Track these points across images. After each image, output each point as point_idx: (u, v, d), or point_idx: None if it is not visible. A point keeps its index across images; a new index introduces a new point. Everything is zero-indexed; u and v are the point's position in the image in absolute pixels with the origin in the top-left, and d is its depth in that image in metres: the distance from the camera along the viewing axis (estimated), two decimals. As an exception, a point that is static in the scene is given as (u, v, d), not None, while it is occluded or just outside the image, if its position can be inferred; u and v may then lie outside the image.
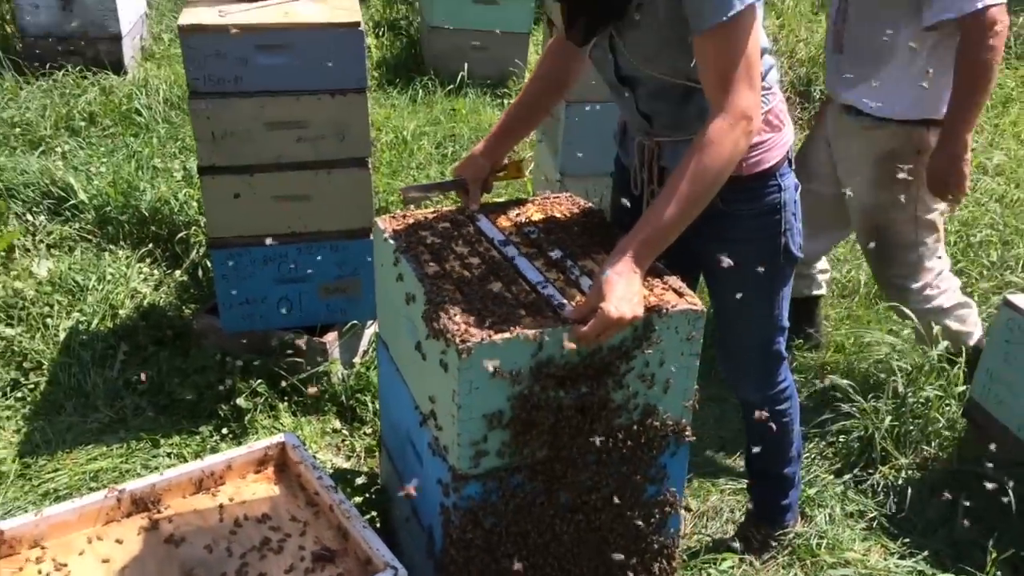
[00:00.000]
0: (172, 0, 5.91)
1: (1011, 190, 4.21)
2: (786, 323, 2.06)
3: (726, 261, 1.83)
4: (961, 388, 2.66)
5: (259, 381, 2.78)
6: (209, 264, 3.41)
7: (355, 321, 2.90)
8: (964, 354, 2.70)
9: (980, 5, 2.29)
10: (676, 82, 1.76)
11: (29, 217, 3.64)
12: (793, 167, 1.94)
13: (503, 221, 2.00)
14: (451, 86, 5.16)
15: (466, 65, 5.15)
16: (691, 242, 1.79)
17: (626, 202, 1.99)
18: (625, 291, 1.57)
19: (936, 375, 2.66)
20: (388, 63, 5.51)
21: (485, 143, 2.03)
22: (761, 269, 1.90)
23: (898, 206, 2.60)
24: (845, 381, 2.75)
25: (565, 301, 1.69)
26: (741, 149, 1.64)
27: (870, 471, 2.59)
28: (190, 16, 2.49)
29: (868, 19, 2.51)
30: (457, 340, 1.57)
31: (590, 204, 2.11)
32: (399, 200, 4.04)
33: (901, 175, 2.48)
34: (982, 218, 3.92)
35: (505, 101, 5.10)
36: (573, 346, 1.60)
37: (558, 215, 2.04)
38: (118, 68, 4.86)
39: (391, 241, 1.89)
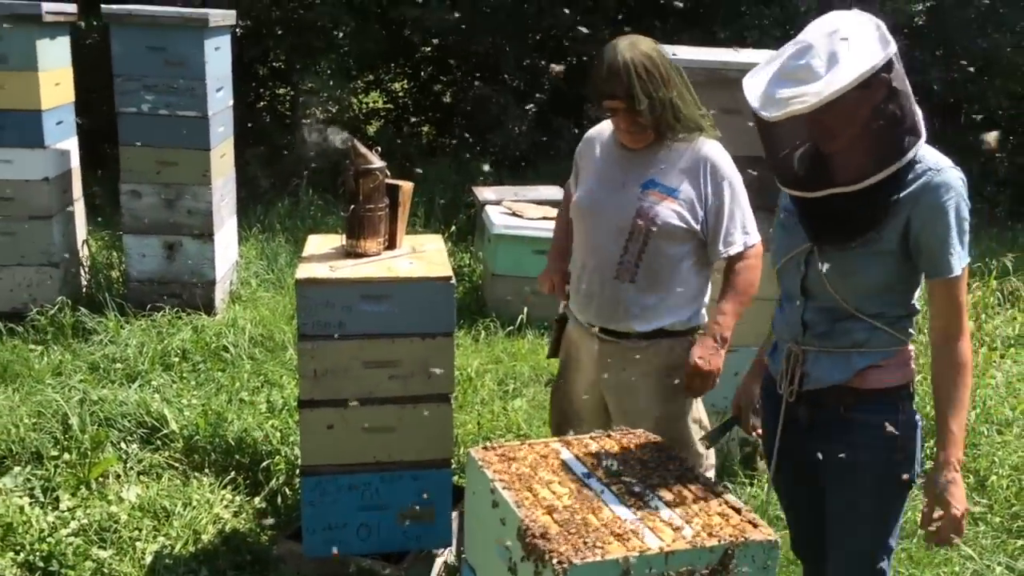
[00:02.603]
0: (258, 249, 6.52)
1: (1058, 434, 4.32)
2: (893, 544, 2.24)
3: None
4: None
5: (336, 607, 2.89)
6: (288, 491, 3.62)
7: (430, 548, 3.04)
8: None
9: (752, 242, 2.72)
10: (847, 307, 2.13)
11: (123, 446, 3.91)
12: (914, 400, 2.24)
13: (584, 454, 2.22)
14: (511, 327, 5.53)
15: (525, 309, 5.55)
16: (819, 449, 2.19)
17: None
18: (959, 492, 2.05)
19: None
20: (453, 306, 5.95)
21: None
22: (878, 479, 2.16)
23: (682, 412, 2.77)
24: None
25: (648, 529, 1.86)
26: None
27: None
28: (305, 271, 2.87)
29: (664, 254, 2.68)
30: (554, 561, 1.74)
31: (660, 439, 2.32)
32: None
33: (677, 382, 2.71)
34: (1033, 462, 4.01)
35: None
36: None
37: (633, 448, 2.25)
38: (209, 309, 5.33)
39: (486, 471, 2.10)
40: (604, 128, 2.85)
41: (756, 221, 2.75)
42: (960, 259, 2.05)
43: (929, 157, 2.05)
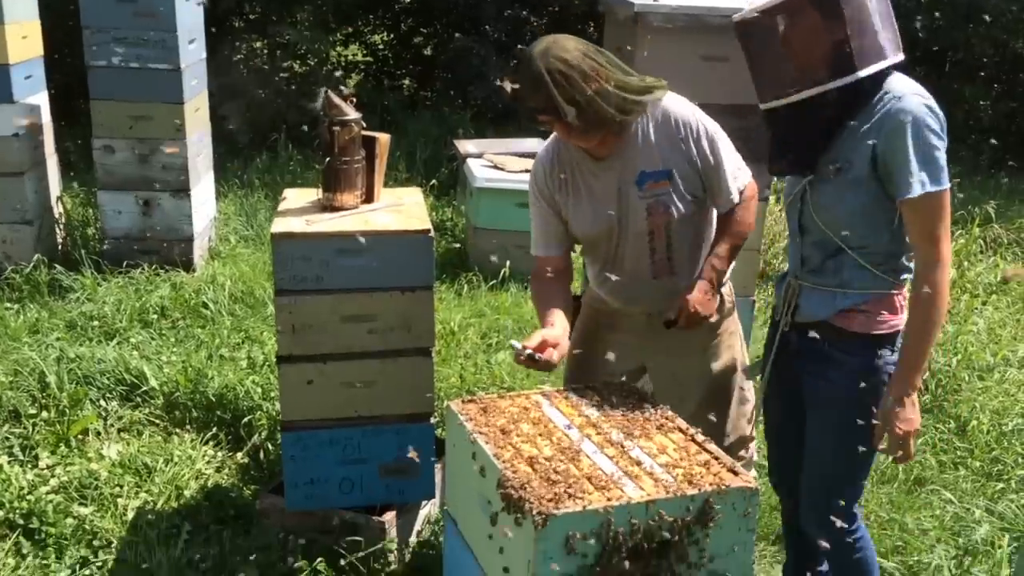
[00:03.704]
0: (237, 205, 6.43)
1: (1038, 381, 4.36)
2: (862, 485, 2.37)
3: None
4: (1007, 572, 2.71)
5: (319, 560, 2.89)
6: (271, 446, 3.60)
7: (413, 501, 3.03)
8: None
9: (746, 181, 2.53)
10: (835, 240, 2.23)
11: (102, 403, 3.87)
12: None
13: (565, 406, 2.20)
14: (494, 281, 5.49)
15: (508, 262, 5.51)
16: (804, 377, 2.34)
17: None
18: (905, 412, 2.16)
19: (982, 558, 2.72)
20: (436, 260, 5.89)
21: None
22: (846, 416, 2.25)
23: (732, 365, 2.66)
24: (890, 563, 2.81)
25: (629, 478, 1.85)
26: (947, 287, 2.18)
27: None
28: (281, 225, 2.82)
29: (691, 235, 2.56)
30: (534, 512, 1.73)
31: (641, 390, 2.31)
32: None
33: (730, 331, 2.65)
34: (1013, 407, 4.04)
35: (545, 296, 5.39)
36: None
37: (614, 399, 2.24)
38: (188, 266, 5.26)
39: (466, 424, 2.08)
40: (554, 150, 2.60)
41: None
42: (921, 182, 2.09)
43: (897, 86, 2.15)
